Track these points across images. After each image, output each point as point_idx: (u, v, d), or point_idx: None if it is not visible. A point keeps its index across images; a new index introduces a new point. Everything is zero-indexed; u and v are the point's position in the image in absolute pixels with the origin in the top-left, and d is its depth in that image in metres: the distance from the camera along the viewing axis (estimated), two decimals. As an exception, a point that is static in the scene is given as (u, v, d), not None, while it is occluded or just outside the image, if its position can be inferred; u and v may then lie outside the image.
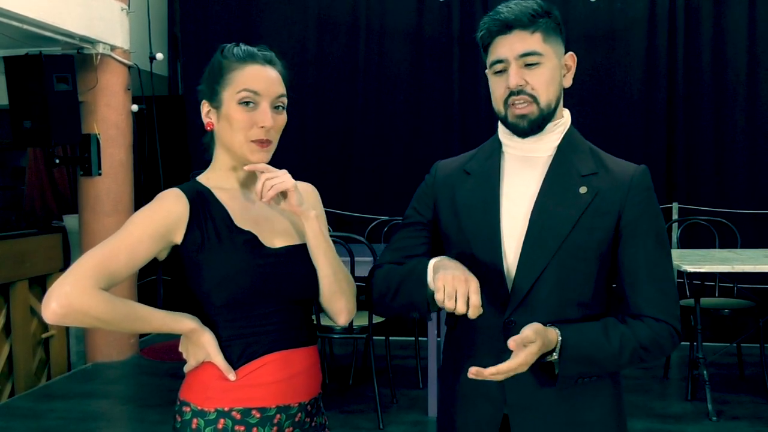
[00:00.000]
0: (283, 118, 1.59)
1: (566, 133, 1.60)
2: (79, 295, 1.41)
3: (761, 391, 4.57)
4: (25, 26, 4.63)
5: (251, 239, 1.55)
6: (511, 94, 1.55)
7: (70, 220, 6.19)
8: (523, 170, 1.59)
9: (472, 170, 1.65)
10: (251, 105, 1.54)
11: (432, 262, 1.51)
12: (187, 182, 1.62)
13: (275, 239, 1.59)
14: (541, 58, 1.53)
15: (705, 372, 4.20)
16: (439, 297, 1.40)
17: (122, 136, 5.59)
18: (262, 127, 1.54)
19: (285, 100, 1.59)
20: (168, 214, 1.52)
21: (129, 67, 5.64)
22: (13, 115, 5.11)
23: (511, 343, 1.38)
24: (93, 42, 5.29)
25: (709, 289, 4.94)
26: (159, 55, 5.84)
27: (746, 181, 6.01)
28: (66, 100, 5.08)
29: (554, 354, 1.45)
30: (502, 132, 1.65)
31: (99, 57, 5.36)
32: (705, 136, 6.07)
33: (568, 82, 1.60)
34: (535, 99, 1.54)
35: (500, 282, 1.54)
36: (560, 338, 1.45)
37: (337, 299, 1.63)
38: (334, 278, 1.61)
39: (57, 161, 5.43)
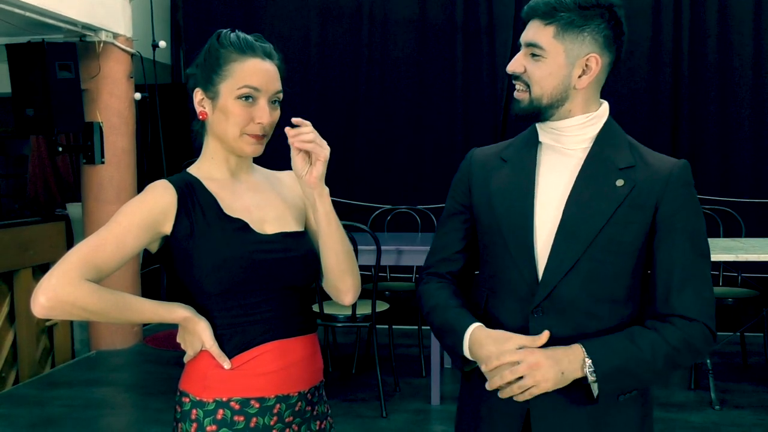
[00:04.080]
0: (278, 113, 1.59)
1: (604, 126, 1.57)
2: (65, 286, 1.41)
3: (764, 380, 4.57)
4: (28, 13, 4.62)
5: (242, 226, 1.55)
6: (512, 77, 1.56)
7: (73, 208, 6.20)
8: (560, 161, 1.57)
9: (509, 157, 1.63)
10: (250, 100, 1.54)
11: (467, 335, 1.52)
12: (177, 173, 1.62)
13: (267, 226, 1.58)
14: (542, 53, 1.50)
15: (708, 361, 4.20)
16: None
17: (125, 124, 5.58)
18: (259, 123, 1.54)
19: (281, 95, 1.59)
20: (155, 204, 1.51)
21: (132, 55, 5.63)
22: (16, 103, 5.10)
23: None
24: (95, 30, 5.28)
25: (713, 278, 4.92)
26: (162, 43, 5.82)
27: (751, 170, 5.98)
28: (68, 88, 5.07)
29: (586, 371, 1.43)
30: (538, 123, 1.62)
31: (102, 45, 5.34)
32: (710, 124, 6.04)
33: (581, 83, 1.52)
34: (528, 87, 1.53)
35: (530, 271, 1.52)
36: (586, 355, 1.42)
37: (347, 277, 1.63)
38: (344, 256, 1.61)
39: (60, 149, 5.42)
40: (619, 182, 1.50)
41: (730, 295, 4.55)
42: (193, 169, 1.62)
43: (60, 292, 1.40)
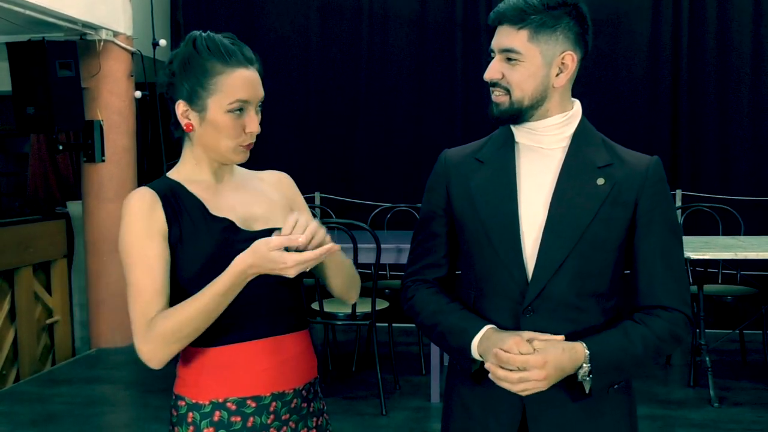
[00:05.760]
0: (260, 116, 1.58)
1: (579, 125, 1.60)
2: (149, 344, 1.48)
3: (763, 377, 4.58)
4: (28, 12, 4.63)
5: (229, 225, 1.54)
6: (490, 83, 1.59)
7: (73, 206, 6.20)
8: (538, 161, 1.59)
9: (485, 159, 1.63)
10: (240, 112, 1.53)
11: (476, 342, 1.51)
12: (157, 179, 1.60)
13: (254, 224, 1.58)
14: (519, 56, 1.53)
15: (707, 358, 4.21)
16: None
17: (125, 122, 5.59)
18: (250, 132, 1.54)
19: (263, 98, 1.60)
20: (140, 210, 1.51)
21: (132, 54, 5.63)
22: (16, 101, 5.11)
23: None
24: (96, 28, 5.29)
25: (712, 275, 4.94)
26: (162, 42, 5.81)
27: (750, 167, 5.99)
28: (69, 87, 5.08)
29: (584, 367, 1.46)
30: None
31: (102, 43, 5.35)
32: (709, 122, 6.04)
33: (559, 82, 1.55)
34: (508, 91, 1.56)
35: (519, 271, 1.53)
36: (587, 351, 1.46)
37: (351, 294, 1.71)
38: (349, 281, 1.67)
39: (60, 147, 5.43)
40: (600, 181, 1.54)
41: (729, 293, 4.56)
42: (173, 174, 1.60)
43: (154, 350, 1.48)
